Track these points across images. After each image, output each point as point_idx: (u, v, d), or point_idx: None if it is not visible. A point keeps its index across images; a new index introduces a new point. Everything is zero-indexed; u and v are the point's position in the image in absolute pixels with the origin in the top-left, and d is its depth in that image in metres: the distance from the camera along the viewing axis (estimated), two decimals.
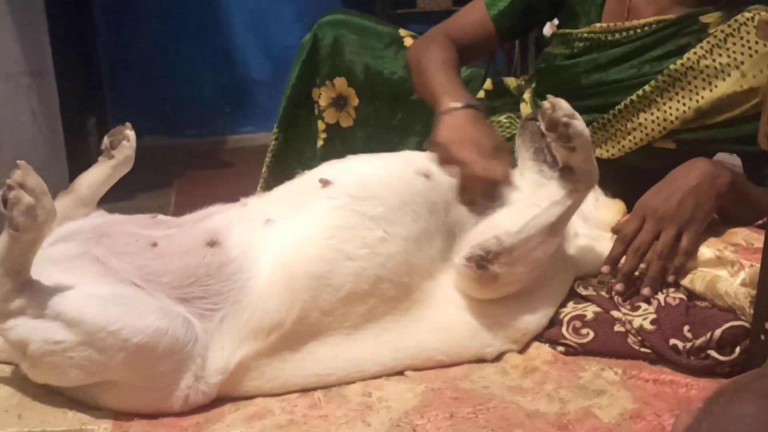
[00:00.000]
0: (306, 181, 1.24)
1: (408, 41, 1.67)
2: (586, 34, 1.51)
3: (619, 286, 1.22)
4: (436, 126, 1.35)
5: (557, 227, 1.17)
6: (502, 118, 1.66)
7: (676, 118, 1.41)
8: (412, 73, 1.60)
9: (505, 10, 1.58)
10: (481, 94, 1.71)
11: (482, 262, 1.13)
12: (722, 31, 1.38)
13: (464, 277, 1.16)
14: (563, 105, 1.11)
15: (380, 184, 1.18)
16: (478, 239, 1.15)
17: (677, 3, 1.46)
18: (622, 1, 1.50)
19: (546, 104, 1.11)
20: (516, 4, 1.58)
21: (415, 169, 1.22)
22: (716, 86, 1.38)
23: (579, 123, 1.11)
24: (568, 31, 1.55)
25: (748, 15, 1.36)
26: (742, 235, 1.25)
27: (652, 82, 1.42)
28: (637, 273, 1.24)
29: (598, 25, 1.50)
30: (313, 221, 1.14)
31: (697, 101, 1.40)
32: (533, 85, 1.68)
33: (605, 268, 1.25)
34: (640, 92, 1.44)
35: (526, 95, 1.68)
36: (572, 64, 1.53)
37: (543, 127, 1.12)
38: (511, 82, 1.77)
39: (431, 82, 1.47)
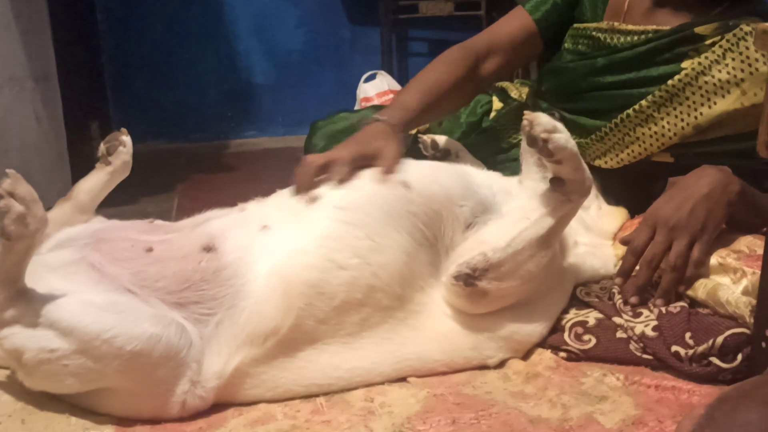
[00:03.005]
0: None
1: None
2: (591, 32, 1.52)
3: (633, 299, 1.21)
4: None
5: (548, 239, 1.15)
6: (509, 127, 1.66)
7: (675, 134, 1.41)
8: None
9: (549, 10, 1.57)
10: (493, 114, 1.70)
11: (470, 280, 1.12)
12: (720, 47, 1.37)
13: (453, 294, 1.15)
14: (541, 120, 1.09)
15: (362, 194, 1.18)
16: (465, 257, 1.15)
17: (670, 9, 1.46)
18: (621, 4, 1.51)
19: (524, 121, 1.09)
20: (558, 5, 1.57)
21: (394, 179, 1.20)
22: (715, 103, 1.37)
23: (559, 136, 1.09)
24: (576, 26, 1.56)
25: (746, 29, 1.34)
26: (744, 242, 1.24)
27: (650, 97, 1.42)
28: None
29: (603, 25, 1.51)
30: (306, 230, 1.15)
31: (696, 118, 1.39)
32: (533, 88, 1.68)
33: (618, 281, 1.24)
34: (636, 107, 1.43)
35: (530, 99, 1.68)
36: (572, 67, 1.54)
37: (525, 143, 1.11)
38: (508, 86, 1.76)
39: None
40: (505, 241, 1.13)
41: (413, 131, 1.61)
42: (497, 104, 1.71)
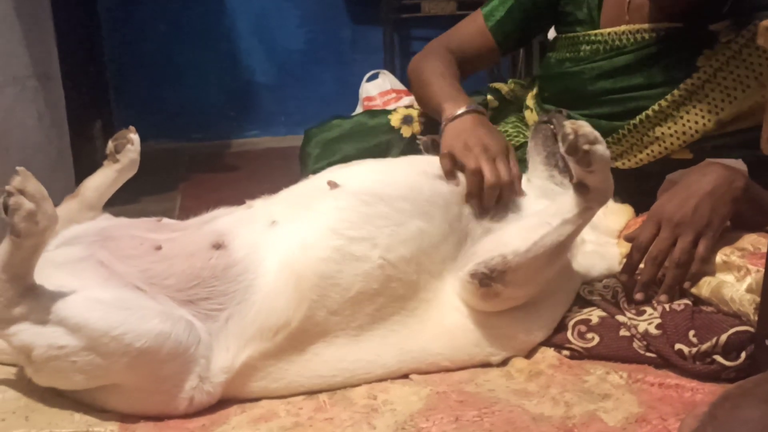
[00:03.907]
0: (312, 183, 1.25)
1: (406, 131, 1.62)
2: (593, 37, 1.50)
3: (639, 296, 1.22)
4: (442, 135, 1.35)
5: (566, 245, 1.16)
6: (509, 127, 1.65)
7: (697, 131, 1.41)
8: (412, 86, 1.58)
9: (502, 20, 1.56)
10: (489, 113, 1.69)
11: (486, 280, 1.13)
12: (736, 42, 1.37)
13: (467, 290, 1.16)
14: (586, 130, 1.09)
15: (386, 186, 1.19)
16: (484, 256, 1.15)
17: (675, 9, 1.43)
18: (620, 5, 1.48)
19: (567, 129, 1.08)
20: (513, 14, 1.56)
21: (424, 172, 1.22)
22: (736, 98, 1.37)
23: (600, 148, 1.09)
24: (573, 34, 1.53)
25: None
26: (749, 239, 1.24)
27: (669, 97, 1.41)
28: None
29: (607, 30, 1.48)
30: (320, 222, 1.15)
31: (717, 113, 1.39)
32: (535, 90, 1.66)
33: (623, 277, 1.24)
34: (656, 107, 1.42)
35: (530, 101, 1.66)
36: (578, 71, 1.52)
37: (562, 150, 1.10)
38: (501, 87, 1.75)
39: (432, 92, 1.46)
40: (525, 246, 1.13)
41: (413, 131, 1.61)
42: (493, 103, 1.71)
